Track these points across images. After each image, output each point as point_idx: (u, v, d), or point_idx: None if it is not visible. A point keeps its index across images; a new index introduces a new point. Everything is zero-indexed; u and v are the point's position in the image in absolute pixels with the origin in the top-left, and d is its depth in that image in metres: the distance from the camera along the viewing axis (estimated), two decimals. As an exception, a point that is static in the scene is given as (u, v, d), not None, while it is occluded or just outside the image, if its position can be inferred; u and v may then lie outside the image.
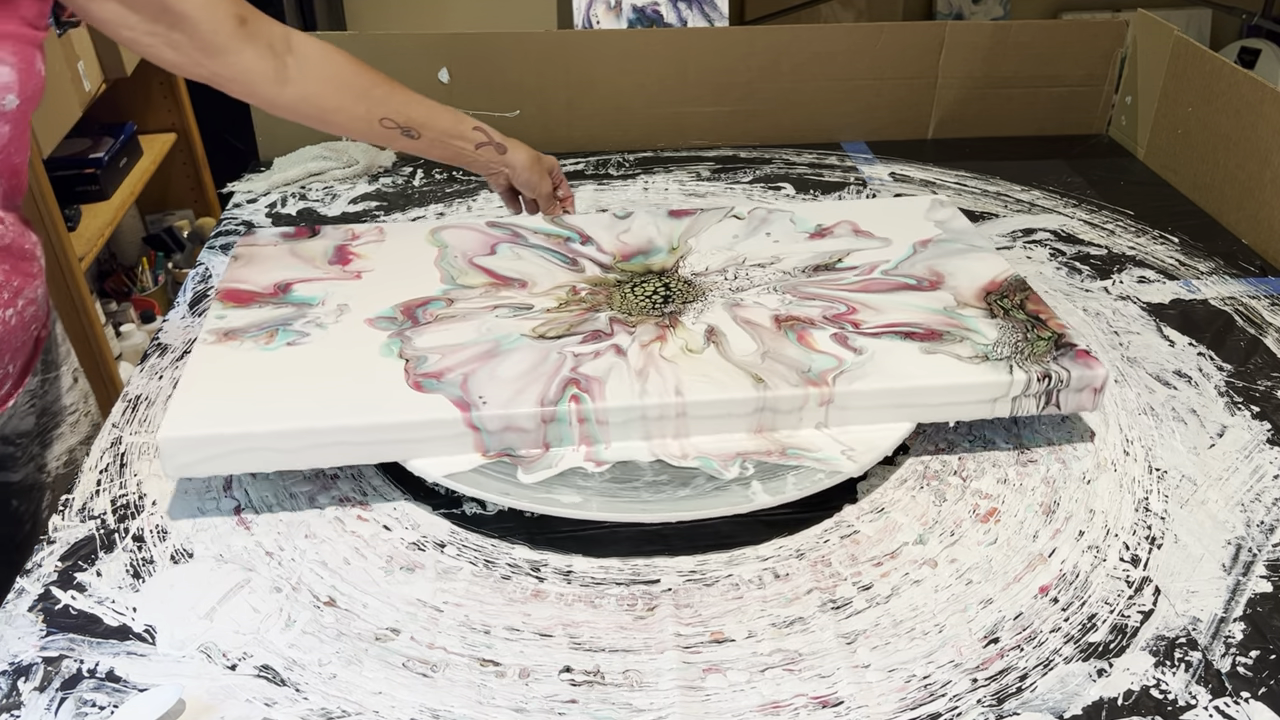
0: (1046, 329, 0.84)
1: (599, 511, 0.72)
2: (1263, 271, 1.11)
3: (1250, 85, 1.16)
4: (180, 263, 2.24)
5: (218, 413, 0.74)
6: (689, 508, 0.73)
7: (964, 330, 0.84)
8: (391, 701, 0.62)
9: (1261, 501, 0.78)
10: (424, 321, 0.85)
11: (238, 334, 0.83)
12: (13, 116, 0.76)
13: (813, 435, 0.79)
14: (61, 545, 0.73)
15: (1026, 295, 0.89)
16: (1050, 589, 0.70)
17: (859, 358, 0.81)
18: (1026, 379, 0.79)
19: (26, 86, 0.76)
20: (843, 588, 0.70)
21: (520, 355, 0.81)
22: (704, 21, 1.47)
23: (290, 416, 0.74)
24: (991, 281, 0.92)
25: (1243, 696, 0.62)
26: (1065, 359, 0.81)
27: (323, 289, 0.89)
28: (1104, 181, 1.32)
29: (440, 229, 1.00)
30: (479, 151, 1.00)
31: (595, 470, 0.75)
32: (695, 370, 0.79)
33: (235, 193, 1.29)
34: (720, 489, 0.74)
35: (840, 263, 0.95)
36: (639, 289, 0.90)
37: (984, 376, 0.79)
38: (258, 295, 0.88)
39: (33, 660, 0.64)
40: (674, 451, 0.77)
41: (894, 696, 0.62)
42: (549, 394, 0.76)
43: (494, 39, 1.32)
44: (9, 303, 0.80)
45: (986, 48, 1.39)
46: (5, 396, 0.85)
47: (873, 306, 0.88)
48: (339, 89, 0.92)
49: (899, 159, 1.38)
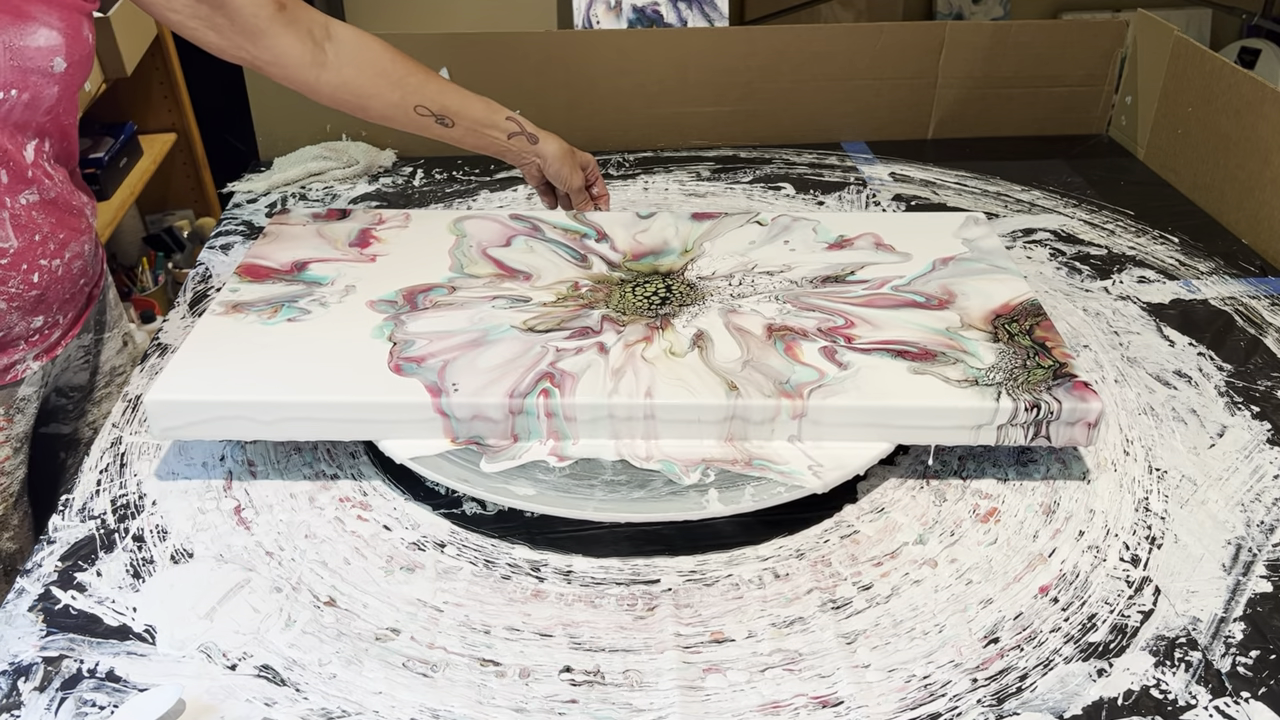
0: (1050, 357, 0.81)
1: (549, 506, 0.73)
2: (1263, 271, 1.11)
3: (1250, 85, 1.16)
4: (180, 263, 2.24)
5: (205, 381, 0.77)
6: (638, 510, 0.72)
7: (960, 352, 0.81)
8: (391, 701, 0.62)
9: (1261, 501, 0.78)
10: (422, 307, 0.87)
11: (244, 307, 0.86)
12: (61, 79, 0.80)
13: (783, 448, 0.77)
14: (61, 545, 0.73)
15: (1038, 321, 0.85)
16: (1050, 589, 0.70)
17: (842, 373, 0.79)
18: (1013, 407, 0.75)
19: (74, 51, 0.80)
20: (843, 588, 0.70)
21: (504, 346, 0.82)
22: (704, 21, 1.47)
23: (271, 389, 0.77)
24: (1004, 304, 0.88)
25: (1243, 696, 0.62)
26: (1060, 389, 0.77)
27: (335, 269, 0.92)
28: (1104, 181, 1.32)
29: (464, 219, 1.01)
30: (511, 141, 1.01)
31: (556, 465, 0.76)
32: (671, 374, 0.79)
33: (235, 193, 1.29)
34: (675, 494, 0.73)
35: (852, 275, 0.93)
36: (640, 289, 0.90)
37: (967, 401, 0.76)
38: (274, 271, 0.91)
39: (33, 660, 0.64)
40: (639, 453, 0.77)
41: (894, 696, 0.62)
42: (520, 386, 0.77)
43: (494, 39, 1.32)
44: (56, 253, 0.84)
45: (986, 48, 1.39)
46: (55, 344, 0.89)
47: (872, 322, 0.86)
48: (375, 76, 0.95)
49: (899, 159, 1.38)
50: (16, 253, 0.80)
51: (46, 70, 0.78)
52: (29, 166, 0.80)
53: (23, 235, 0.81)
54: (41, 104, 0.79)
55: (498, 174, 1.33)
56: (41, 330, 0.87)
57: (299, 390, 0.77)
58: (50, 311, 0.87)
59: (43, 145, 0.82)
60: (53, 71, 0.79)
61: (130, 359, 1.03)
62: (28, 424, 0.89)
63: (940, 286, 0.91)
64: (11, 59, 0.76)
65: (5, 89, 0.76)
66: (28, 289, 0.82)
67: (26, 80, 0.77)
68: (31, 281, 0.82)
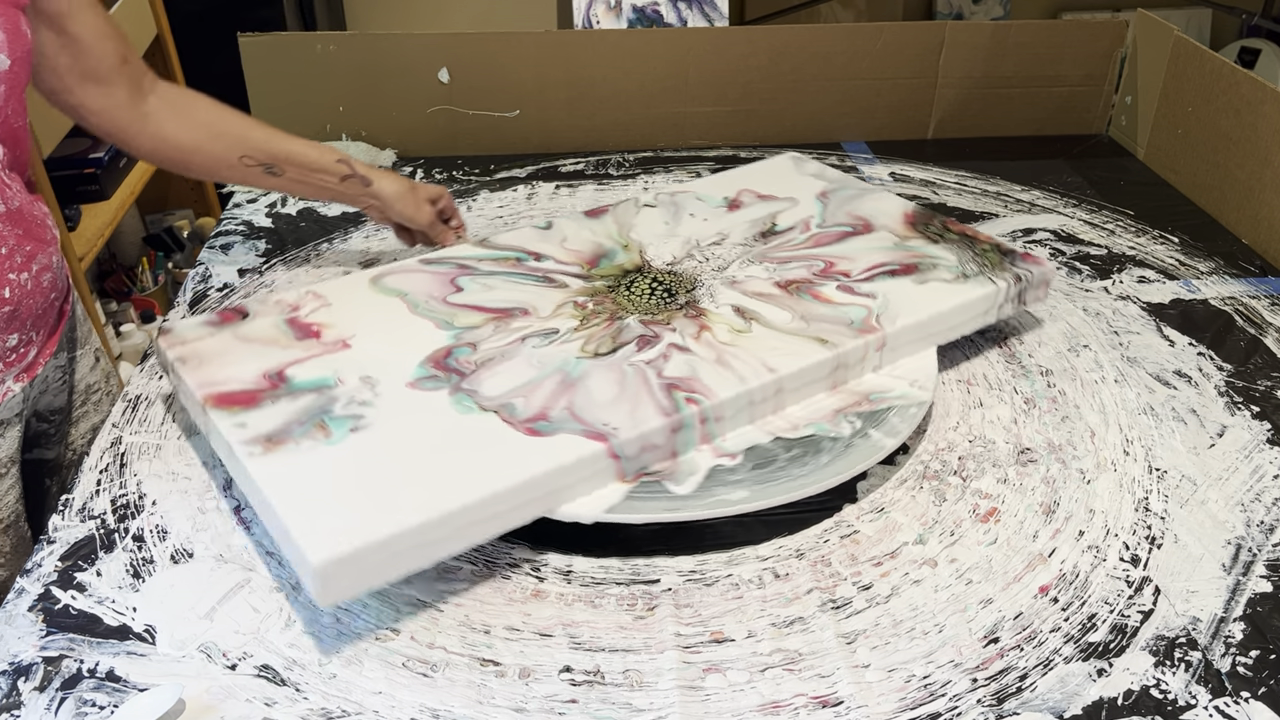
0: (983, 244, 0.96)
1: (775, 498, 0.73)
2: (1263, 271, 1.11)
3: (1250, 85, 1.16)
4: (180, 263, 2.24)
5: (353, 522, 0.64)
6: (846, 467, 0.76)
7: (928, 259, 0.93)
8: (391, 701, 0.62)
9: (1261, 501, 0.78)
10: (468, 371, 0.79)
11: (283, 436, 0.71)
12: (6, 77, 0.77)
13: (874, 379, 0.85)
14: (61, 545, 0.73)
15: (944, 220, 1.00)
16: (1050, 589, 0.70)
17: (878, 302, 0.88)
18: (1006, 286, 0.90)
19: (16, 47, 0.77)
20: (843, 588, 0.70)
21: (598, 377, 0.78)
22: (704, 21, 1.47)
23: (430, 503, 0.66)
24: (905, 215, 1.01)
25: (1243, 696, 0.62)
26: (1018, 263, 0.93)
27: (322, 366, 0.79)
28: (1104, 181, 1.32)
29: (380, 277, 0.92)
30: (344, 185, 0.98)
31: (732, 463, 0.76)
32: (764, 347, 0.82)
33: (235, 192, 1.29)
34: (849, 445, 0.78)
35: (777, 227, 1.00)
36: (633, 289, 0.90)
37: (979, 291, 0.89)
38: (257, 393, 0.76)
39: (33, 660, 0.64)
40: (782, 426, 0.80)
41: (894, 696, 0.62)
42: (663, 404, 0.75)
43: (494, 39, 1.32)
44: (23, 266, 0.81)
45: (986, 48, 1.39)
46: (33, 364, 0.86)
47: (842, 256, 0.94)
48: (195, 128, 0.93)
49: (899, 159, 1.38)
50: None
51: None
52: None
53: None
54: None
55: (498, 174, 1.33)
56: (17, 349, 0.83)
57: (464, 492, 0.67)
58: (24, 328, 0.83)
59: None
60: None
61: (104, 375, 0.99)
62: (12, 449, 0.85)
63: (847, 214, 1.02)
64: None
65: None
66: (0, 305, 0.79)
67: None
68: (3, 297, 0.78)
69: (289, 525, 0.64)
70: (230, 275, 1.09)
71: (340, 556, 0.62)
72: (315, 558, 0.61)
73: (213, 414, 0.74)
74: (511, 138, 1.38)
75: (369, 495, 0.66)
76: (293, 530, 0.63)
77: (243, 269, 1.10)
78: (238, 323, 0.85)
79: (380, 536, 0.63)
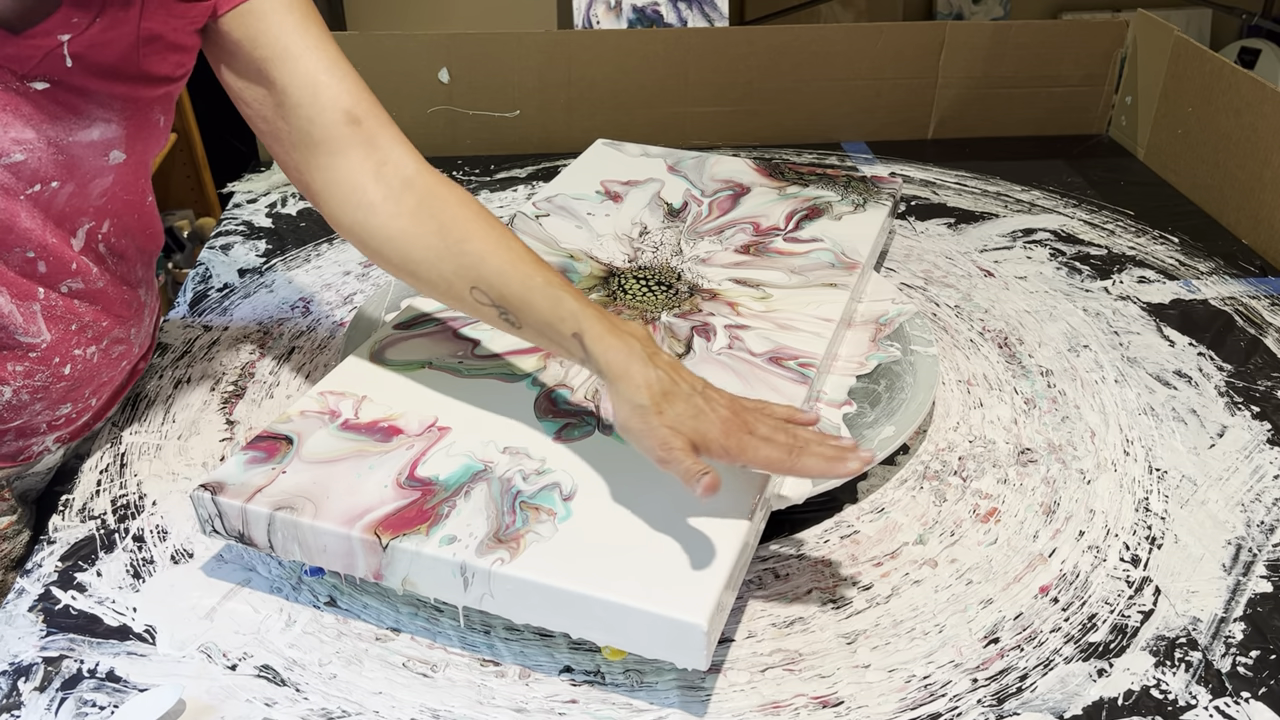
0: (839, 177, 1.11)
1: (911, 426, 0.79)
2: (1263, 271, 1.11)
3: (1250, 85, 1.16)
4: (180, 263, 2.24)
5: (683, 574, 0.60)
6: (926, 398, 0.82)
7: (821, 199, 1.05)
8: (391, 701, 0.62)
9: (1261, 501, 0.78)
10: (593, 408, 0.74)
11: (506, 535, 0.62)
12: (117, 169, 0.70)
13: (864, 308, 0.93)
14: (61, 545, 0.73)
15: (792, 166, 1.13)
16: (1050, 589, 0.70)
17: (830, 241, 0.98)
18: (891, 204, 1.07)
19: (135, 142, 0.70)
20: (843, 588, 0.70)
21: (714, 376, 0.74)
22: (704, 21, 1.47)
23: (727, 526, 0.62)
24: (756, 168, 1.13)
25: (1243, 696, 0.62)
26: (878, 186, 1.09)
27: (443, 457, 0.69)
28: (1104, 181, 1.32)
29: (383, 350, 0.80)
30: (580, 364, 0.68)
31: (852, 409, 0.81)
32: (796, 303, 0.88)
33: (235, 193, 1.29)
34: (907, 379, 0.84)
35: (671, 204, 1.06)
36: (631, 290, 0.90)
37: (881, 213, 1.03)
38: (419, 506, 0.65)
39: (33, 660, 0.64)
40: (852, 367, 0.86)
41: (894, 696, 0.62)
42: (791, 375, 0.79)
43: (494, 39, 1.32)
44: (94, 340, 0.73)
45: (986, 48, 1.39)
46: (82, 428, 0.79)
47: (756, 215, 1.02)
48: (432, 233, 0.69)
49: (899, 159, 1.38)
50: (49, 347, 0.70)
51: (100, 165, 0.67)
52: (74, 257, 0.70)
53: (56, 327, 0.70)
54: (91, 192, 0.69)
55: (498, 174, 1.33)
56: (68, 415, 0.76)
57: (738, 505, 0.64)
58: (82, 398, 0.75)
59: (99, 228, 0.71)
60: (108, 164, 0.68)
61: None
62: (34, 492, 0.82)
63: (713, 179, 1.11)
64: (56, 154, 0.65)
65: (44, 181, 0.65)
66: (56, 381, 0.71)
67: (72, 173, 0.66)
68: (62, 374, 0.70)
69: (640, 606, 0.57)
70: (230, 275, 1.09)
71: (710, 607, 0.57)
72: (697, 619, 0.56)
73: (398, 545, 0.62)
74: (511, 138, 1.38)
75: (661, 545, 0.61)
76: (653, 609, 0.57)
77: (243, 269, 1.10)
78: (287, 452, 0.69)
79: (724, 571, 0.59)
